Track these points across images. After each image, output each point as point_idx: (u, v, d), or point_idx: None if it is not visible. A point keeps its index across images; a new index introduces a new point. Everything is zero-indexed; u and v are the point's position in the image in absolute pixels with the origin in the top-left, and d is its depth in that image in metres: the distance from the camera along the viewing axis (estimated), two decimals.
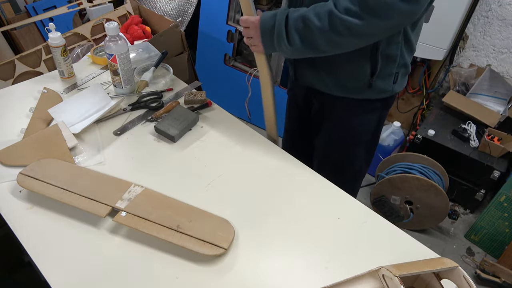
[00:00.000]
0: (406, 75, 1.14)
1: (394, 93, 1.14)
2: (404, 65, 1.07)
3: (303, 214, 0.93)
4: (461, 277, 0.70)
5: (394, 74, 1.07)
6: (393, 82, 1.09)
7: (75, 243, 0.84)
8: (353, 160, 1.27)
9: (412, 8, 0.85)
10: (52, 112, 1.10)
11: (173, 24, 1.84)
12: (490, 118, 2.01)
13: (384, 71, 1.05)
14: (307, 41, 0.91)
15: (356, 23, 0.84)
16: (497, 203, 1.80)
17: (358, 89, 1.09)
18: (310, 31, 0.89)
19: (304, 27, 0.89)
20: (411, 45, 1.05)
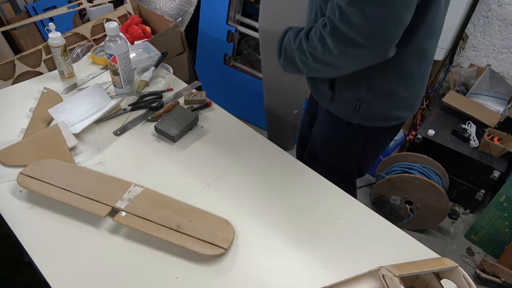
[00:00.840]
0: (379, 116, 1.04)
1: (360, 126, 1.07)
2: (366, 102, 1.00)
3: (303, 214, 0.93)
4: (461, 277, 0.70)
5: (355, 102, 1.02)
6: (355, 109, 1.03)
7: (75, 243, 0.84)
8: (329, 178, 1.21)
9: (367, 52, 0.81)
10: (52, 112, 1.10)
11: (173, 24, 1.84)
12: (490, 118, 2.01)
13: (340, 95, 1.03)
14: (288, 57, 0.97)
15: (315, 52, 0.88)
16: (497, 203, 1.80)
17: (324, 98, 1.09)
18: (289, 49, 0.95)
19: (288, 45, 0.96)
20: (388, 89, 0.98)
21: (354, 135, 1.13)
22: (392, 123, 1.08)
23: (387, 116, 1.05)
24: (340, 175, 1.21)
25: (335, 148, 1.21)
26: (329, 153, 1.23)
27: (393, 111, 1.03)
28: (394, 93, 0.99)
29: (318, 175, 1.04)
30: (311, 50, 0.88)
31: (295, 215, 0.93)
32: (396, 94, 0.99)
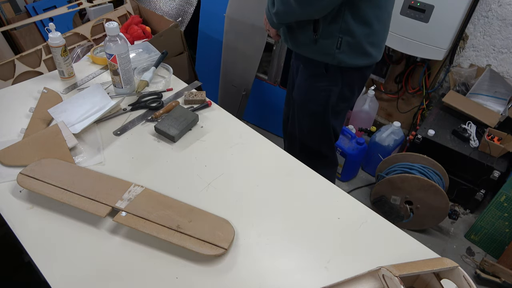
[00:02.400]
0: (357, 52, 1.20)
1: (340, 63, 1.22)
2: (350, 33, 1.15)
3: (303, 214, 0.93)
4: (461, 277, 0.70)
5: (337, 38, 1.17)
6: (336, 47, 1.18)
7: (75, 243, 0.84)
8: (307, 134, 1.42)
9: None
10: (52, 112, 1.10)
11: (173, 24, 1.84)
12: (490, 118, 2.01)
13: (325, 30, 1.17)
14: (285, 9, 1.14)
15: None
16: (497, 203, 1.80)
17: (305, 45, 1.24)
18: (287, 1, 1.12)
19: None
20: (363, 17, 1.13)
21: (331, 81, 1.28)
22: (364, 62, 1.24)
23: (362, 50, 1.20)
24: (318, 138, 1.42)
25: (313, 101, 1.34)
26: (308, 108, 1.37)
27: (367, 46, 1.19)
28: (371, 24, 1.15)
29: (318, 175, 1.04)
30: None
31: (295, 215, 0.93)
32: (372, 26, 1.16)
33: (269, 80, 2.28)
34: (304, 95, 1.37)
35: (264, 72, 2.31)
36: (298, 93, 1.39)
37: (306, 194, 0.98)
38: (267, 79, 2.29)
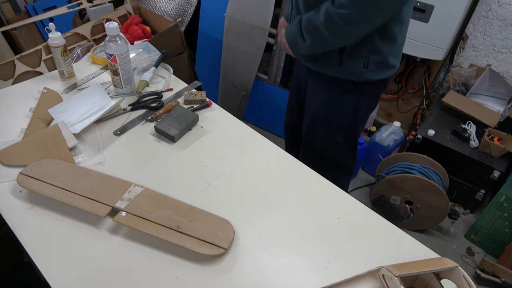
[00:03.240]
0: (383, 66, 1.18)
1: (367, 80, 1.19)
2: (377, 52, 1.13)
3: (303, 214, 0.93)
4: (461, 277, 0.70)
5: (364, 57, 1.14)
6: (364, 66, 1.15)
7: (75, 243, 0.84)
8: (331, 147, 1.36)
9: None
10: (52, 112, 1.10)
11: (173, 24, 1.84)
12: (490, 118, 2.01)
13: (353, 51, 1.13)
14: (316, 36, 1.08)
15: (347, 13, 0.98)
16: (497, 203, 1.80)
17: (329, 64, 1.19)
18: (315, 28, 1.06)
19: (311, 26, 1.07)
20: (390, 35, 1.11)
21: (359, 96, 1.25)
22: (389, 73, 1.22)
23: (387, 64, 1.18)
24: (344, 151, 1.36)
25: (341, 117, 1.30)
26: (334, 124, 1.32)
27: (391, 59, 1.18)
28: (395, 39, 1.14)
29: (318, 175, 1.04)
30: (342, 14, 0.99)
31: (295, 215, 0.93)
32: (396, 40, 1.14)
33: (269, 80, 2.28)
34: (329, 111, 1.30)
35: (264, 72, 2.31)
36: (321, 109, 1.32)
37: (306, 194, 0.98)
38: (267, 79, 2.29)
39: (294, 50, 1.18)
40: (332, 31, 1.04)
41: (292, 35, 1.15)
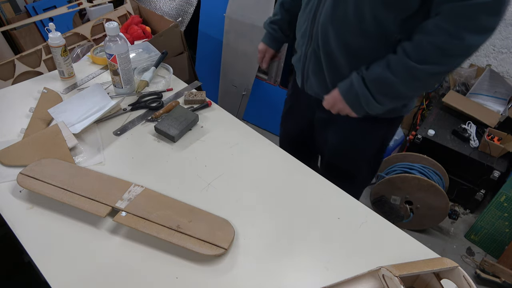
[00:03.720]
0: (413, 101, 1.14)
1: (402, 115, 1.15)
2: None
3: (303, 214, 0.93)
4: (461, 277, 0.70)
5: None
6: (403, 104, 1.08)
7: (75, 243, 0.84)
8: (356, 174, 1.27)
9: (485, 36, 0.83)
10: (52, 112, 1.10)
11: (173, 24, 1.84)
12: (490, 118, 2.01)
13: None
14: (394, 96, 0.95)
15: (436, 69, 0.87)
16: (497, 203, 1.80)
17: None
18: (393, 88, 0.93)
19: (387, 87, 0.93)
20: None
21: (390, 128, 1.20)
22: (413, 105, 1.16)
23: (411, 104, 1.13)
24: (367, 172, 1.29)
25: (368, 148, 1.21)
26: (361, 154, 1.23)
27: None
28: None
29: (318, 175, 1.04)
30: (431, 70, 0.87)
31: (295, 215, 0.93)
32: None
33: (269, 80, 2.28)
34: (358, 145, 1.20)
35: (264, 72, 2.31)
36: (349, 143, 1.20)
37: (306, 194, 0.98)
38: (267, 79, 2.29)
39: (361, 112, 1.01)
40: (413, 87, 0.93)
41: (355, 99, 0.98)
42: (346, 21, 0.92)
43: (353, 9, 0.90)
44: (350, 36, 0.94)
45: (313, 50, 1.04)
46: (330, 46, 0.98)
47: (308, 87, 1.14)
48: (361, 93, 0.96)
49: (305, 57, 1.08)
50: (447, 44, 0.83)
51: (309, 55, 1.07)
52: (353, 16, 0.91)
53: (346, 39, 0.95)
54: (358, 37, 0.93)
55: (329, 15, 0.94)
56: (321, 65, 1.04)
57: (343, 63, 1.00)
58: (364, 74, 0.95)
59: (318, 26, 0.98)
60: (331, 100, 1.03)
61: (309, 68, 1.09)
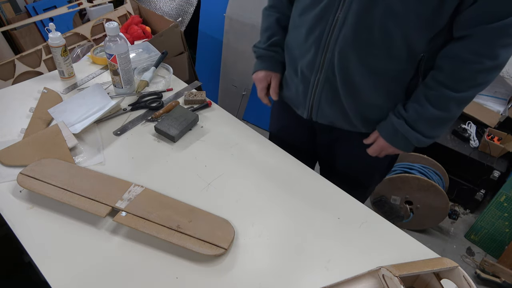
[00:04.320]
0: None
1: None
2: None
3: (303, 214, 0.93)
4: (461, 277, 0.70)
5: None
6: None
7: (75, 243, 0.84)
8: (369, 184, 1.23)
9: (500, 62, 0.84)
10: (52, 112, 1.10)
11: (173, 24, 1.84)
12: (490, 118, 2.01)
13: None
14: (445, 127, 0.94)
15: (478, 90, 0.87)
16: (497, 203, 1.80)
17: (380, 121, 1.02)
18: (443, 121, 0.92)
19: (436, 123, 0.92)
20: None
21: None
22: None
23: None
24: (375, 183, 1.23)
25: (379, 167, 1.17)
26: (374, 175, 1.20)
27: None
28: None
29: (318, 175, 1.04)
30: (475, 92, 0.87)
31: (295, 215, 0.93)
32: None
33: None
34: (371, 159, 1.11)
35: None
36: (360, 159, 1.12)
37: (306, 194, 0.98)
38: None
39: (409, 149, 0.99)
40: (461, 110, 0.92)
41: (406, 144, 0.96)
42: (371, 46, 0.87)
43: (380, 34, 0.84)
44: (376, 60, 0.89)
45: (326, 78, 0.96)
46: (350, 73, 0.92)
47: (320, 116, 1.05)
48: (410, 136, 0.94)
49: (314, 87, 1.00)
50: (485, 67, 0.83)
51: (320, 85, 0.98)
52: (380, 41, 0.85)
53: (371, 64, 0.89)
54: (384, 60, 0.88)
55: (350, 41, 0.87)
56: (337, 93, 0.97)
57: (366, 88, 0.94)
58: (406, 116, 0.93)
59: (333, 53, 0.91)
60: (377, 149, 1.02)
61: (321, 97, 1.00)
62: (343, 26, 0.87)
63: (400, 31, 0.83)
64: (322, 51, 0.93)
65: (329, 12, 0.88)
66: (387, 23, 0.82)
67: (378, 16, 0.82)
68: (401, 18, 0.81)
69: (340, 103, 0.99)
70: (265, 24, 1.12)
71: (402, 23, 0.82)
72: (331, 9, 0.87)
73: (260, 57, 1.13)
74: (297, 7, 0.98)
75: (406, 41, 0.85)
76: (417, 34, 0.84)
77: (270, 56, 1.10)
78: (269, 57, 1.11)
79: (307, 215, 0.93)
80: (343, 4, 0.85)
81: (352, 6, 0.84)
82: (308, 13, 0.93)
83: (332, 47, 0.91)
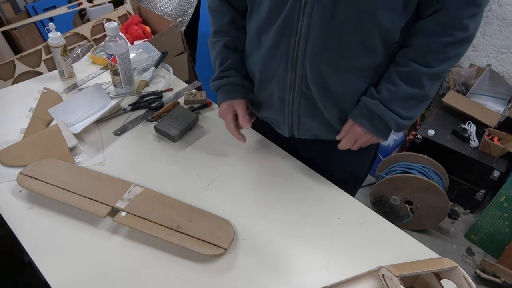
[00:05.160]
0: None
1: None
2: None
3: (303, 214, 0.93)
4: (461, 277, 0.70)
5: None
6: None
7: (75, 243, 0.84)
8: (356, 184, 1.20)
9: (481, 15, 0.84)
10: (52, 112, 1.10)
11: (173, 24, 1.85)
12: (490, 118, 2.01)
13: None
14: (422, 105, 0.90)
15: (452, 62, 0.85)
16: (497, 203, 1.81)
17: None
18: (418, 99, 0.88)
19: (413, 101, 0.87)
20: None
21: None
22: None
23: None
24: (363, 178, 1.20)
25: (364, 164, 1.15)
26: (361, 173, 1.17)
27: None
28: None
29: (318, 175, 1.04)
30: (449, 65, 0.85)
31: (295, 215, 0.93)
32: None
33: None
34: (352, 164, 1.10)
35: None
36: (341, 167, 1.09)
37: (306, 194, 0.98)
38: None
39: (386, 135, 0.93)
40: (436, 86, 0.88)
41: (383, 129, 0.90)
42: (345, 47, 0.82)
43: (351, 32, 0.80)
44: (352, 61, 0.84)
45: (301, 94, 0.91)
46: (326, 83, 0.87)
47: (302, 132, 1.00)
48: (387, 117, 0.87)
49: (290, 105, 0.94)
50: (456, 39, 0.81)
51: (296, 102, 0.93)
52: (354, 39, 0.80)
53: (347, 66, 0.85)
54: (361, 58, 0.84)
55: (320, 50, 0.82)
56: (315, 106, 0.92)
57: (346, 93, 0.90)
58: (380, 98, 0.87)
59: (304, 67, 0.86)
60: (352, 137, 0.94)
61: (300, 113, 0.95)
62: (309, 36, 0.81)
63: (373, 24, 0.79)
64: (291, 67, 0.87)
65: (290, 26, 0.82)
66: (357, 21, 0.78)
67: (344, 17, 0.77)
68: (368, 12, 0.77)
69: (321, 115, 0.94)
70: (213, 54, 1.02)
71: (371, 17, 0.78)
72: (291, 22, 0.81)
73: (217, 90, 1.02)
74: (252, 27, 0.92)
75: (381, 34, 0.81)
76: (392, 23, 0.80)
77: (226, 83, 1.00)
78: (225, 85, 1.00)
79: (307, 215, 0.93)
80: (303, 14, 0.79)
81: (313, 14, 0.78)
82: (267, 31, 0.87)
83: (301, 61, 0.85)
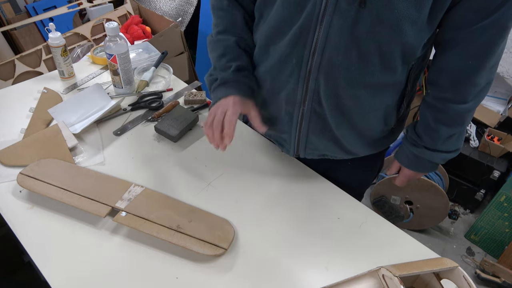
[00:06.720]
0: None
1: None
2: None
3: (303, 214, 0.93)
4: (461, 277, 0.70)
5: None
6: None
7: (75, 243, 0.84)
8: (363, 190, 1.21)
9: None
10: (52, 112, 1.10)
11: (173, 24, 1.85)
12: (490, 118, 2.01)
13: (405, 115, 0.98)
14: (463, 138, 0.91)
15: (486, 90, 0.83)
16: (497, 203, 1.81)
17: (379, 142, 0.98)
18: (461, 132, 0.88)
19: (457, 136, 0.88)
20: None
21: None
22: None
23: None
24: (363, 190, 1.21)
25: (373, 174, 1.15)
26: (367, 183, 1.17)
27: None
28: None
29: (318, 175, 1.04)
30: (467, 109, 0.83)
31: (295, 215, 0.93)
32: None
33: None
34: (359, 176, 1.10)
35: None
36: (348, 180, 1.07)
37: (306, 194, 0.98)
38: None
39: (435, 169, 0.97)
40: (468, 121, 0.88)
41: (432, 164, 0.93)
42: (364, 62, 0.75)
43: (372, 46, 0.73)
44: (369, 77, 0.78)
45: (312, 110, 0.85)
46: (340, 100, 0.81)
47: (308, 152, 0.97)
48: (435, 158, 0.90)
49: (298, 122, 0.89)
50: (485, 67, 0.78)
51: (306, 119, 0.88)
52: (373, 54, 0.74)
53: (364, 82, 0.79)
54: (379, 74, 0.77)
55: (337, 63, 0.76)
56: (326, 123, 0.87)
57: (360, 111, 0.85)
58: (423, 143, 0.89)
59: (317, 81, 0.80)
60: (405, 181, 1.00)
61: (308, 132, 0.90)
62: (325, 47, 0.75)
63: (395, 38, 0.72)
64: (303, 82, 0.81)
65: (304, 36, 0.75)
66: (379, 33, 0.71)
67: (365, 28, 0.71)
68: (392, 25, 0.70)
69: (331, 134, 0.89)
70: (219, 50, 0.91)
71: (395, 30, 0.71)
72: (306, 32, 0.75)
73: (225, 83, 0.88)
74: (261, 35, 0.85)
75: (401, 47, 0.74)
76: (413, 37, 0.73)
77: (244, 82, 0.88)
78: (240, 83, 0.87)
79: (307, 215, 0.93)
80: (321, 23, 0.73)
81: (332, 23, 0.71)
82: (277, 41, 0.81)
83: (315, 75, 0.79)
